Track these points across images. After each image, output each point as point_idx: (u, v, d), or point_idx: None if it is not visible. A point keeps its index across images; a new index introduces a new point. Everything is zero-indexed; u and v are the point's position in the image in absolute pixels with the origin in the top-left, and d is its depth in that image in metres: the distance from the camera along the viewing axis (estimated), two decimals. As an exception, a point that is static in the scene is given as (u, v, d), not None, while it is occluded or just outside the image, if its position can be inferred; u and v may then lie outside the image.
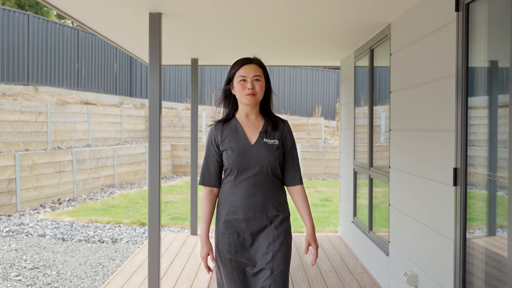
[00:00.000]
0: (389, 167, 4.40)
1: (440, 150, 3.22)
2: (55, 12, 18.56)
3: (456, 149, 2.95)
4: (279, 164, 2.54)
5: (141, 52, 6.28)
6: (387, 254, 4.46)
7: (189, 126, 16.07)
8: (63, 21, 19.07)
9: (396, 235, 4.23)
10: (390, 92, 4.38)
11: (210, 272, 2.57)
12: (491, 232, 2.75)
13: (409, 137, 3.88)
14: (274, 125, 2.56)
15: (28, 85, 13.50)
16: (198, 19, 4.34)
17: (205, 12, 4.13)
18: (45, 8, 17.61)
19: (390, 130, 4.41)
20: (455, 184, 2.96)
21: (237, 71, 2.51)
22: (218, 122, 2.59)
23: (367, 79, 5.34)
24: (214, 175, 2.57)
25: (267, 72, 2.59)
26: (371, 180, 5.23)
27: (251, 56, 2.58)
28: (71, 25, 15.84)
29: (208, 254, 2.52)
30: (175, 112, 16.74)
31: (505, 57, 2.44)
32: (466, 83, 2.89)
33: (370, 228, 5.23)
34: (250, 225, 2.48)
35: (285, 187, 2.62)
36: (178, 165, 15.35)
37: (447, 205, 3.08)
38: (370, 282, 4.80)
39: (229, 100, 2.59)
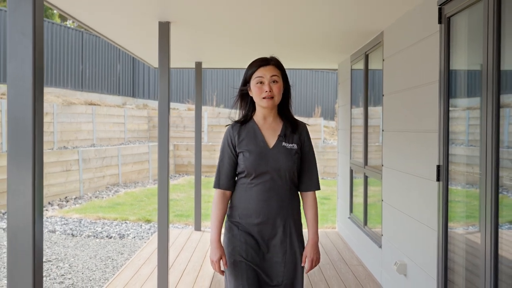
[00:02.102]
0: (382, 165, 4.72)
1: (425, 149, 3.53)
2: (55, 11, 18.86)
3: (439, 148, 3.26)
4: (297, 169, 2.46)
5: (148, 55, 6.60)
6: (380, 247, 4.78)
7: (190, 126, 16.39)
8: (65, 23, 19.39)
9: (388, 229, 4.54)
10: (383, 95, 4.69)
11: (224, 274, 2.47)
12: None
13: (399, 137, 4.20)
14: (293, 128, 2.47)
15: (34, 86, 13.81)
16: (203, 26, 4.65)
17: (210, 20, 4.44)
18: (50, 11, 17.94)
19: (382, 130, 4.73)
20: (438, 179, 3.28)
21: (253, 72, 2.43)
22: (236, 123, 2.50)
23: (362, 82, 5.65)
24: (229, 177, 2.47)
25: (285, 72, 2.49)
26: (366, 178, 5.54)
27: (268, 56, 2.49)
28: (75, 27, 16.15)
29: (221, 258, 2.40)
30: (177, 113, 17.05)
31: (487, 65, 2.75)
32: (448, 88, 3.20)
33: (365, 223, 5.54)
34: (262, 230, 2.41)
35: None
36: (180, 164, 15.65)
37: (432, 199, 3.40)
38: (365, 273, 5.12)
39: (246, 102, 2.51)
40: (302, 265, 2.44)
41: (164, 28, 4.40)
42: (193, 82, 18.80)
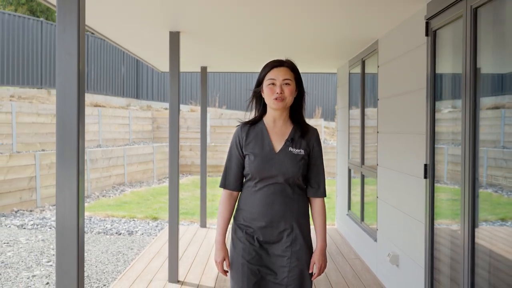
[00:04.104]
0: (377, 165, 5.06)
1: (414, 149, 3.88)
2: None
3: (426, 148, 3.61)
4: (303, 174, 2.43)
5: (155, 60, 6.96)
6: (376, 241, 5.12)
7: (193, 127, 16.74)
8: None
9: (383, 223, 4.88)
10: (378, 99, 5.03)
11: (227, 274, 2.50)
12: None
13: (392, 138, 4.54)
14: (302, 133, 2.45)
15: (41, 88, 14.18)
16: (209, 35, 5.00)
17: (216, 30, 4.78)
18: (54, 14, 18.30)
19: (378, 132, 5.07)
20: (425, 177, 3.62)
21: (266, 73, 2.42)
22: (245, 124, 2.50)
23: (359, 86, 5.99)
24: (236, 178, 2.47)
25: (299, 76, 2.47)
26: (362, 177, 5.89)
27: (283, 58, 2.48)
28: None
29: (224, 259, 2.45)
30: (181, 114, 17.40)
31: (466, 73, 3.09)
32: (434, 94, 3.54)
33: (362, 219, 5.89)
34: (266, 234, 2.40)
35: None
36: (184, 164, 15.99)
37: (420, 194, 3.74)
38: (361, 266, 5.46)
39: (260, 103, 2.51)
40: (310, 271, 2.42)
41: (175, 37, 4.75)
42: (196, 84, 19.16)
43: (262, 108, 2.51)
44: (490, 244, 2.85)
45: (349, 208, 6.70)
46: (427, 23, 3.59)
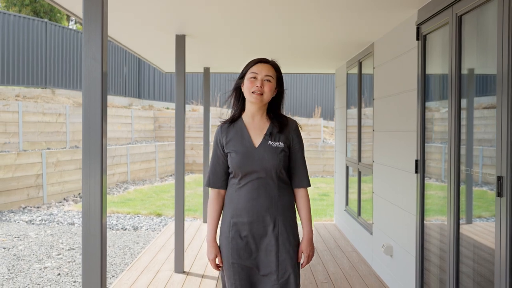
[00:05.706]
0: (373, 161, 5.31)
1: (406, 146, 4.14)
2: (59, 14, 19.41)
3: (417, 145, 3.87)
4: (285, 167, 2.48)
5: (160, 61, 7.21)
6: (371, 234, 5.38)
7: (194, 126, 17.01)
8: (77, 26, 19.97)
9: (378, 217, 5.14)
10: (373, 99, 5.29)
11: (220, 269, 2.55)
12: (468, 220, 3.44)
13: (387, 136, 4.80)
14: (281, 127, 2.49)
15: (45, 88, 14.43)
16: (213, 37, 5.25)
17: (220, 32, 5.03)
18: (58, 15, 18.55)
19: (373, 130, 5.32)
20: (416, 172, 3.88)
21: (250, 67, 2.48)
22: (224, 123, 2.55)
23: (356, 87, 6.25)
24: (220, 176, 2.52)
25: (281, 75, 2.53)
26: (359, 173, 6.14)
27: (269, 58, 2.55)
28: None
29: (216, 256, 2.50)
30: (182, 113, 17.64)
31: (452, 75, 3.34)
32: (424, 94, 3.80)
33: (359, 214, 6.15)
34: (253, 228, 2.44)
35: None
36: (186, 163, 16.25)
37: (411, 188, 4.00)
38: (358, 258, 5.72)
39: (238, 97, 2.56)
40: (299, 261, 2.49)
41: (180, 40, 5.01)
42: (197, 84, 19.42)
43: (240, 103, 2.55)
44: (480, 237, 3.08)
45: (346, 204, 6.96)
46: (417, 28, 3.84)
